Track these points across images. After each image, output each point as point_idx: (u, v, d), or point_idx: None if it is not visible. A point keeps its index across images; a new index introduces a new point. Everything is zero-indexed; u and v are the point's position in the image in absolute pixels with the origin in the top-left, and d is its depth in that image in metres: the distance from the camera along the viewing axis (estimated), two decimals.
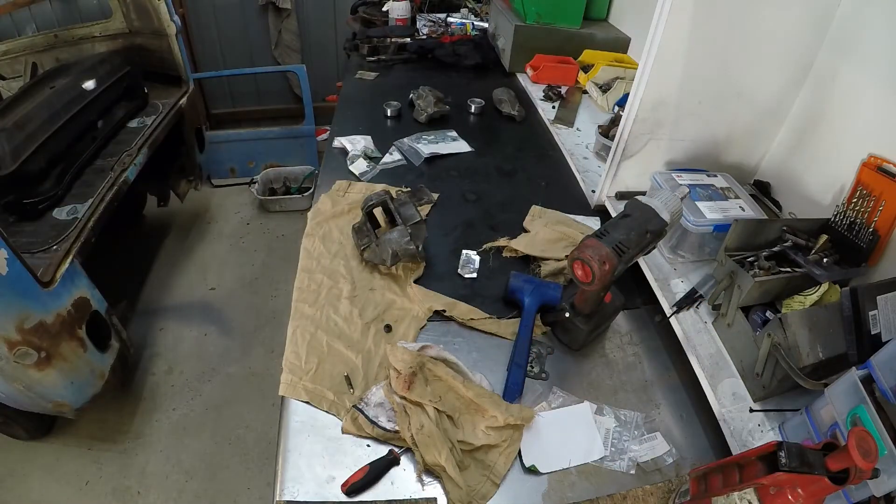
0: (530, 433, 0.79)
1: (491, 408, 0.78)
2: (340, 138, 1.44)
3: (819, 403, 0.70)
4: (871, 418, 0.60)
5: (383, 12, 2.28)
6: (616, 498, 0.73)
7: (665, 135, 1.12)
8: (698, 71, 1.02)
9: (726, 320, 0.87)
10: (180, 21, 2.45)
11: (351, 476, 0.71)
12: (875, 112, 0.93)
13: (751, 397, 0.81)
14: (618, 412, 0.84)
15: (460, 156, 1.47)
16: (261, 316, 2.34)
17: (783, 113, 1.14)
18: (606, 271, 0.76)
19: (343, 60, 3.14)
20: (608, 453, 0.79)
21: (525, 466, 0.76)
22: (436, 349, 0.85)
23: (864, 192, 0.89)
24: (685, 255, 1.04)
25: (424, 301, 0.98)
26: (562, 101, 1.78)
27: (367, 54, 2.05)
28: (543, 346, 0.93)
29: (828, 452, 0.55)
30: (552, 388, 0.86)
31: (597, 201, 1.26)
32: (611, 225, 0.81)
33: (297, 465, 0.73)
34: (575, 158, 1.47)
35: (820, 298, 0.83)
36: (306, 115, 2.94)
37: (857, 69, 0.98)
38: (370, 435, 0.76)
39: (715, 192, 1.05)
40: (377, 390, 0.81)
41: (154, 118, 2.25)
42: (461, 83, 1.91)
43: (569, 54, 1.92)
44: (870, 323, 0.73)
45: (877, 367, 0.63)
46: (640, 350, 0.97)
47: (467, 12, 2.49)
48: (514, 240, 1.13)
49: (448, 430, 0.76)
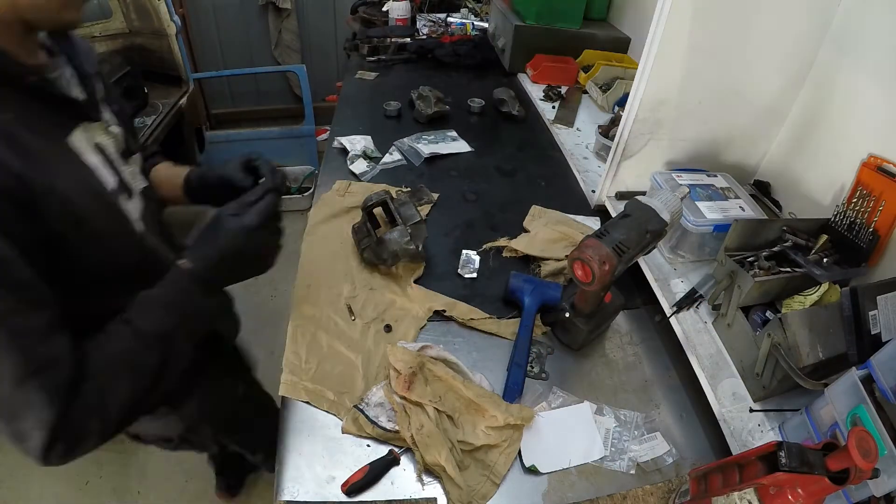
0: (530, 433, 0.79)
1: (491, 408, 0.78)
2: (340, 138, 1.44)
3: (819, 403, 0.70)
4: (871, 418, 0.60)
5: (383, 12, 2.28)
6: (616, 498, 0.73)
7: (665, 135, 1.12)
8: (698, 71, 1.02)
9: (726, 320, 0.87)
10: (180, 21, 2.45)
11: (351, 476, 0.71)
12: (875, 112, 0.93)
13: (751, 397, 0.81)
14: (618, 412, 0.84)
15: (460, 156, 1.47)
16: (261, 316, 2.34)
17: (783, 113, 1.14)
18: (606, 271, 0.76)
19: (343, 60, 3.15)
20: (608, 453, 0.79)
21: (525, 466, 0.76)
22: (436, 349, 0.85)
23: (864, 192, 0.89)
24: (685, 255, 1.04)
25: (424, 301, 0.98)
26: (562, 101, 1.78)
27: (367, 54, 2.04)
28: (543, 346, 0.93)
29: (828, 452, 0.55)
30: (552, 388, 0.86)
31: (597, 201, 1.26)
32: (611, 225, 0.81)
33: (297, 465, 0.73)
34: (575, 158, 1.47)
35: (820, 298, 0.83)
36: (306, 115, 2.94)
37: (857, 69, 0.98)
38: (370, 435, 0.76)
39: (715, 192, 1.05)
40: (377, 390, 0.81)
41: (154, 118, 2.25)
42: (461, 83, 1.91)
43: (569, 54, 1.91)
44: (870, 323, 0.73)
45: (877, 367, 0.63)
46: (640, 350, 0.97)
47: (467, 12, 2.49)
48: (514, 240, 1.13)
49: (448, 430, 0.76)
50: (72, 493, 1.72)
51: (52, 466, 0.57)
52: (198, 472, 1.81)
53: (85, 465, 1.79)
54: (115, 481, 1.77)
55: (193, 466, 1.82)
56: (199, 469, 1.81)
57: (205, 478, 1.79)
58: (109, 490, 1.74)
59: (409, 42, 2.10)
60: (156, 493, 1.75)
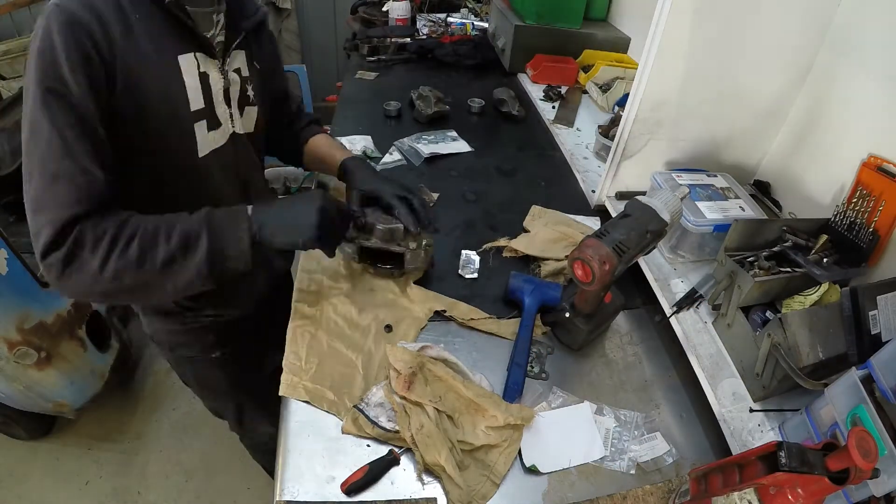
0: (530, 433, 0.79)
1: (491, 408, 0.78)
2: (341, 138, 1.44)
3: (819, 403, 0.70)
4: (871, 418, 0.60)
5: (383, 12, 2.28)
6: (616, 498, 0.73)
7: (665, 135, 1.12)
8: (698, 71, 1.02)
9: (726, 320, 0.87)
10: None
11: (351, 475, 0.71)
12: (875, 112, 0.93)
13: (751, 397, 0.81)
14: (618, 412, 0.84)
15: (460, 156, 1.47)
16: None
17: (783, 113, 1.14)
18: (606, 271, 0.76)
19: (343, 60, 3.15)
20: (608, 453, 0.79)
21: (525, 466, 0.76)
22: (436, 349, 0.85)
23: (864, 192, 0.89)
24: (685, 255, 1.04)
25: (425, 301, 0.98)
26: (562, 101, 1.78)
27: (367, 54, 2.04)
28: (543, 346, 0.94)
29: (828, 452, 0.55)
30: (552, 388, 0.86)
31: (597, 201, 1.26)
32: (611, 225, 0.81)
33: (297, 465, 0.73)
34: (575, 158, 1.47)
35: (820, 298, 0.83)
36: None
37: (857, 69, 0.98)
38: (370, 435, 0.76)
39: (715, 192, 1.05)
40: (377, 390, 0.81)
41: None
42: (461, 83, 1.91)
43: (569, 54, 1.92)
44: (870, 323, 0.73)
45: (877, 367, 0.63)
46: (640, 350, 0.97)
47: (467, 12, 2.49)
48: (514, 240, 1.13)
49: (448, 429, 0.76)
50: (72, 493, 1.72)
51: (49, 282, 0.66)
52: (198, 472, 1.81)
53: (85, 465, 1.79)
54: (115, 481, 1.77)
55: (193, 466, 1.82)
56: (199, 469, 1.82)
57: (205, 478, 1.79)
58: (109, 490, 1.74)
59: (409, 42, 2.10)
60: (156, 493, 1.75)
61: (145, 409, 2.00)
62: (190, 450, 1.87)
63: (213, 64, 0.80)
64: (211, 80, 0.79)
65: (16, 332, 1.49)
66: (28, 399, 1.60)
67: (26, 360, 1.53)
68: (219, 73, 0.81)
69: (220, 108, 0.82)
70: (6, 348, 1.48)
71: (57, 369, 1.61)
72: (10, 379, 1.52)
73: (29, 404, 1.64)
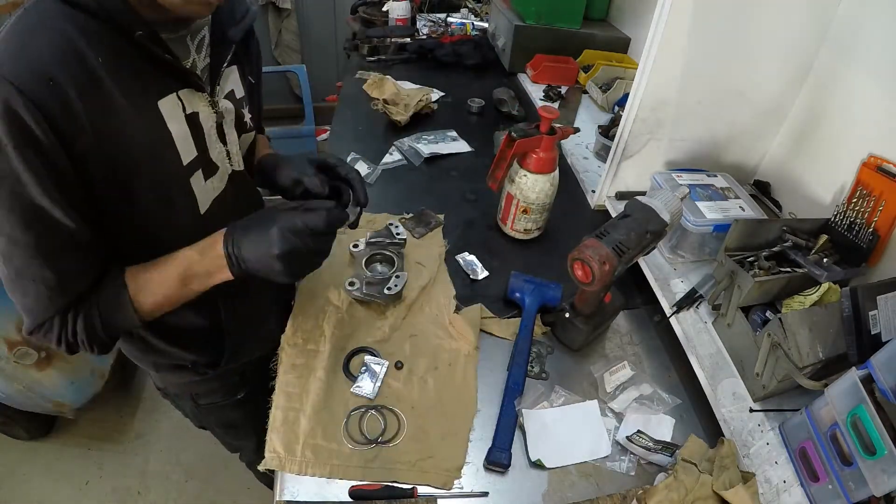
0: (537, 427, 0.79)
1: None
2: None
3: (819, 403, 0.70)
4: (871, 418, 0.60)
5: (383, 12, 2.28)
6: (616, 498, 0.73)
7: (665, 135, 1.12)
8: (698, 71, 1.02)
9: (726, 320, 0.87)
10: None
11: (364, 484, 0.71)
12: (875, 112, 0.93)
13: (751, 397, 0.81)
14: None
15: (460, 155, 1.47)
16: None
17: (783, 113, 1.14)
18: (606, 271, 0.76)
19: (343, 60, 3.15)
20: (609, 453, 0.79)
21: (531, 460, 0.76)
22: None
23: (864, 192, 0.89)
24: (685, 255, 1.04)
25: (467, 332, 0.91)
26: (562, 101, 1.78)
27: (367, 54, 2.04)
28: (543, 346, 0.94)
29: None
30: (553, 387, 0.86)
31: (597, 201, 1.26)
32: (611, 225, 0.81)
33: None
34: (575, 158, 1.47)
35: (820, 298, 0.83)
36: (306, 115, 2.94)
37: (857, 69, 0.97)
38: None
39: (715, 192, 1.05)
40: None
41: None
42: (461, 83, 1.91)
43: (569, 54, 1.91)
44: (870, 323, 0.73)
45: (877, 367, 0.63)
46: (640, 350, 0.97)
47: (467, 12, 2.49)
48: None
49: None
50: (72, 493, 1.72)
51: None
52: (198, 472, 1.81)
53: (85, 465, 1.79)
54: (115, 481, 1.77)
55: (193, 466, 1.82)
56: (199, 469, 1.81)
57: (205, 478, 1.79)
58: (109, 490, 1.74)
59: (409, 42, 2.10)
60: (156, 493, 1.75)
61: (145, 409, 2.00)
62: (190, 450, 1.87)
63: (202, 98, 0.67)
64: (201, 119, 0.67)
65: (16, 332, 1.49)
66: (28, 399, 1.60)
67: (26, 360, 1.53)
68: (209, 108, 0.68)
69: (215, 149, 0.71)
70: (6, 348, 1.48)
71: (57, 369, 1.61)
72: (11, 379, 1.52)
73: (29, 404, 1.64)
